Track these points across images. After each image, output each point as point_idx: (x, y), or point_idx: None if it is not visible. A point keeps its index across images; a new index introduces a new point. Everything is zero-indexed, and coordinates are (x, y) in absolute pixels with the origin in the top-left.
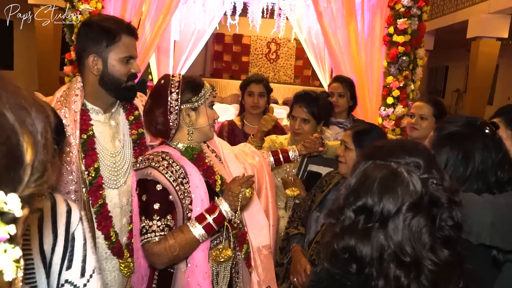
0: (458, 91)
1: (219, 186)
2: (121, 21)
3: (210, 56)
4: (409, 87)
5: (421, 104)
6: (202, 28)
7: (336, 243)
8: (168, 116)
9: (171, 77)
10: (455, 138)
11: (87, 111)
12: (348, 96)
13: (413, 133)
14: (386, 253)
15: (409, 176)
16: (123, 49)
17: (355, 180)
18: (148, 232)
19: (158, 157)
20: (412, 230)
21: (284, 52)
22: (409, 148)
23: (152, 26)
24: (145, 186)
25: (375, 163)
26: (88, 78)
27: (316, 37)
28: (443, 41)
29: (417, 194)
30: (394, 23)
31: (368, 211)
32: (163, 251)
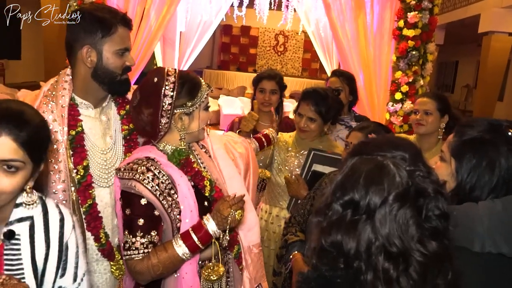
0: (467, 86)
1: (208, 192)
2: (116, 11)
3: (217, 48)
4: (418, 82)
5: (425, 100)
6: (209, 19)
7: (323, 238)
8: (159, 119)
9: (166, 76)
10: (477, 144)
11: (76, 105)
12: (347, 91)
13: (419, 129)
14: (374, 245)
15: (395, 168)
16: (118, 41)
17: (342, 175)
18: (131, 248)
19: (143, 168)
20: (399, 222)
21: (292, 44)
22: (395, 142)
23: (157, 16)
24: (128, 199)
25: (361, 158)
26: (80, 70)
27: (324, 29)
28: (453, 35)
29: (403, 186)
30: (404, 16)
31: (355, 205)
32: (146, 270)
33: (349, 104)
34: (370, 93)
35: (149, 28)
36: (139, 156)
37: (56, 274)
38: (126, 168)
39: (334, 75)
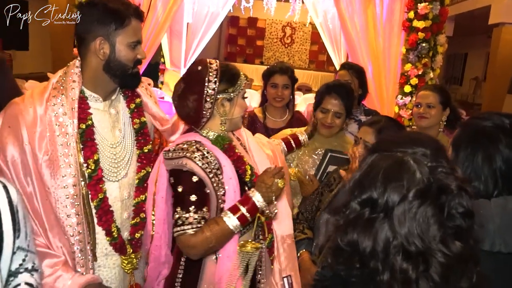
0: (476, 79)
1: (249, 176)
2: (128, 3)
3: (224, 40)
4: (428, 75)
5: (427, 93)
6: (216, 11)
7: (339, 237)
8: (203, 105)
9: (209, 64)
10: (475, 135)
11: (85, 98)
12: (356, 84)
13: (422, 122)
14: (391, 245)
15: (416, 164)
16: (131, 33)
17: (360, 172)
18: (185, 224)
19: (193, 147)
20: (419, 220)
21: (299, 36)
22: (415, 138)
23: (164, 7)
24: (180, 176)
25: (380, 155)
26: (91, 62)
27: (332, 21)
28: (463, 27)
29: (424, 182)
30: (415, 7)
31: (373, 203)
32: (200, 243)
33: (359, 98)
34: (379, 85)
35: (156, 19)
36: (183, 140)
37: (14, 236)
38: (175, 149)
39: (343, 68)
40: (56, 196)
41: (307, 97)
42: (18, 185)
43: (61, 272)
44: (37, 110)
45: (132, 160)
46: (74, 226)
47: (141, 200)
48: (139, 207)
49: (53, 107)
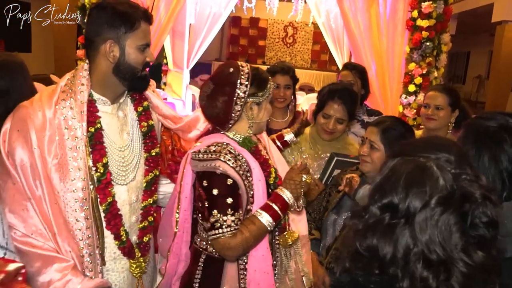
0: (479, 77)
1: (273, 179)
2: (137, 6)
3: (226, 40)
4: (432, 74)
5: (436, 94)
6: (218, 11)
7: (358, 242)
8: (233, 107)
9: (241, 67)
10: (479, 135)
11: (94, 101)
12: (359, 85)
13: (429, 123)
14: (412, 252)
15: (439, 170)
16: (141, 36)
17: (381, 177)
18: (223, 226)
19: (225, 150)
20: (441, 228)
21: (301, 36)
22: (439, 143)
23: (167, 9)
24: (214, 179)
25: (402, 159)
26: (100, 65)
27: (335, 21)
28: (465, 25)
29: (447, 189)
30: (418, 6)
31: (393, 208)
32: (240, 245)
33: (361, 98)
34: (383, 85)
35: (159, 21)
36: (214, 140)
37: None
38: (207, 151)
39: (346, 68)
40: (65, 200)
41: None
42: (27, 189)
43: (70, 276)
44: (46, 113)
45: (140, 163)
46: (83, 230)
47: (149, 203)
48: (147, 210)
49: (62, 111)
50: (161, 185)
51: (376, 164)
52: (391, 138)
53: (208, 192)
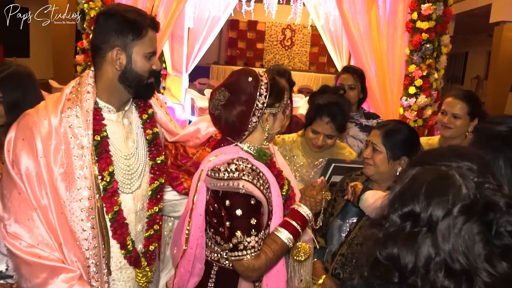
0: (478, 77)
1: (285, 191)
2: (144, 14)
3: (224, 43)
4: (433, 76)
5: (455, 102)
6: (217, 15)
7: (378, 250)
8: (250, 117)
9: (260, 77)
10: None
11: (100, 109)
12: (359, 88)
13: (445, 132)
14: (433, 261)
15: (461, 178)
16: (148, 44)
17: (401, 185)
18: (247, 248)
19: (247, 168)
20: (464, 237)
21: (299, 38)
22: (460, 152)
23: (166, 13)
24: (238, 200)
25: (423, 168)
26: (107, 73)
27: (334, 23)
28: (463, 26)
29: (470, 198)
30: (418, 8)
31: (415, 217)
32: (264, 265)
33: (359, 102)
34: (383, 87)
35: None
36: (231, 156)
37: None
38: (227, 169)
39: (346, 71)
40: (72, 209)
41: None
42: (32, 199)
43: (77, 286)
44: (52, 121)
45: (145, 171)
46: (89, 239)
47: (155, 211)
48: (152, 219)
49: (68, 119)
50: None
51: (378, 166)
52: (393, 140)
53: (231, 212)
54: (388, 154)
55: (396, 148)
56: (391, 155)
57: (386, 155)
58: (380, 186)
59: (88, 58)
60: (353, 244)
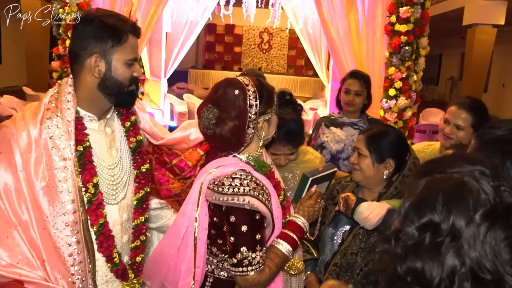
0: (452, 79)
1: (281, 200)
2: (125, 19)
3: (202, 47)
4: (412, 78)
5: (459, 111)
6: (195, 19)
7: (398, 265)
8: (245, 131)
9: (245, 86)
10: (498, 143)
11: (81, 118)
12: (365, 95)
13: (446, 142)
14: (459, 271)
15: (478, 183)
16: (129, 51)
17: (413, 198)
18: (252, 264)
19: (252, 183)
20: (491, 244)
21: (276, 42)
22: (469, 157)
23: (144, 18)
24: (243, 215)
25: (434, 177)
26: (85, 80)
27: (312, 26)
28: (437, 28)
29: (490, 203)
30: (396, 11)
31: (434, 227)
32: (268, 279)
33: (363, 108)
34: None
35: None
36: (232, 169)
37: None
38: (232, 184)
39: (354, 77)
40: (55, 224)
41: None
42: (12, 215)
43: None
44: (31, 133)
45: (130, 180)
46: (74, 255)
47: (141, 221)
48: (138, 229)
49: (48, 130)
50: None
51: (365, 171)
52: (376, 144)
53: (236, 228)
54: (373, 158)
55: (380, 151)
56: (375, 159)
57: (371, 159)
58: (370, 191)
59: (64, 65)
60: (347, 254)
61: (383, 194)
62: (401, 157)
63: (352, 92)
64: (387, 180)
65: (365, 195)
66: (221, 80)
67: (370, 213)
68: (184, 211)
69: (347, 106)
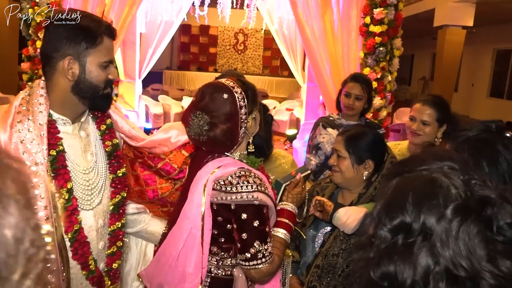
0: (424, 78)
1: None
2: (100, 20)
3: (176, 48)
4: (386, 78)
5: (423, 108)
6: (169, 20)
7: (372, 270)
8: (238, 132)
9: (231, 88)
10: (473, 143)
11: (54, 122)
12: (365, 99)
13: (414, 139)
14: (433, 271)
15: (447, 179)
16: (104, 53)
17: (384, 200)
18: (265, 256)
19: (257, 179)
20: (464, 239)
21: (252, 43)
22: (438, 154)
23: (117, 19)
24: (253, 211)
25: (403, 177)
26: (58, 83)
27: (288, 27)
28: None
29: (461, 197)
30: (371, 12)
31: (406, 228)
32: (276, 268)
33: (363, 111)
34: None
35: None
36: (233, 167)
37: None
38: (240, 182)
39: (355, 80)
40: None
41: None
42: None
43: None
44: (0, 138)
45: (105, 185)
46: None
47: (117, 227)
48: (115, 235)
49: (18, 134)
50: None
51: (345, 173)
52: (355, 145)
53: (248, 224)
54: (352, 159)
55: (359, 152)
56: (355, 160)
57: (350, 160)
58: (350, 192)
59: (35, 66)
60: (328, 255)
61: (362, 195)
62: (379, 157)
63: (352, 95)
64: (367, 181)
65: (345, 196)
66: (204, 86)
67: (348, 219)
68: (186, 213)
69: (347, 109)
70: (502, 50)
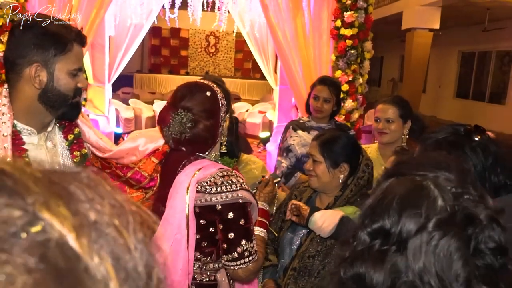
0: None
1: None
2: (69, 26)
3: (147, 51)
4: (358, 80)
5: (385, 107)
6: (139, 23)
7: (343, 270)
8: (218, 129)
9: (212, 86)
10: (442, 146)
11: (19, 132)
12: (334, 101)
13: (382, 138)
14: (399, 281)
15: (437, 189)
16: (73, 60)
17: (372, 200)
18: (252, 253)
19: (239, 178)
20: (439, 255)
21: (223, 45)
22: (438, 161)
23: (85, 22)
24: (239, 210)
25: (396, 180)
26: (24, 91)
27: (259, 30)
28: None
29: (447, 211)
30: (341, 16)
31: (385, 234)
32: (261, 265)
33: (332, 114)
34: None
35: None
36: (214, 168)
37: None
38: (224, 182)
39: (323, 83)
40: None
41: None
42: None
43: None
44: None
45: None
46: None
47: None
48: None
49: None
50: None
51: (321, 178)
52: (330, 149)
53: (235, 223)
54: (327, 163)
55: (333, 156)
56: (330, 164)
57: (326, 165)
58: (328, 196)
59: None
60: (304, 257)
61: (339, 198)
62: (354, 160)
63: (321, 98)
64: (343, 184)
65: (322, 199)
66: (183, 86)
67: (323, 223)
68: (169, 220)
69: (316, 112)
70: (466, 52)
